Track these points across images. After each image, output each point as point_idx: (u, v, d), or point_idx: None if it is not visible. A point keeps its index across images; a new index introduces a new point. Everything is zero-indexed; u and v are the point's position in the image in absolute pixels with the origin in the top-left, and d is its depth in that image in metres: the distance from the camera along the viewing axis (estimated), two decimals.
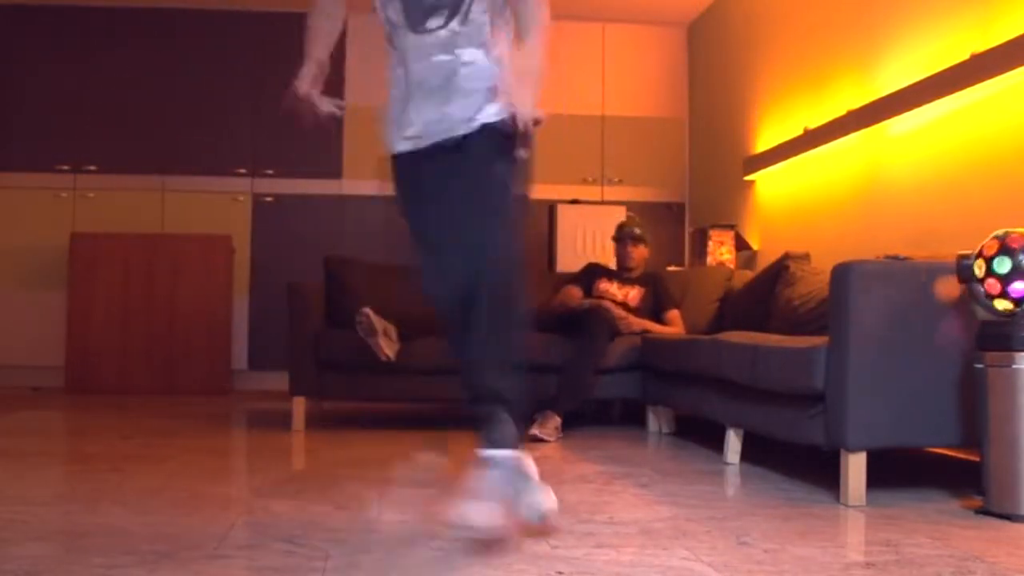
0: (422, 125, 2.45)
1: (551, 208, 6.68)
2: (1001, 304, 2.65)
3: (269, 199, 7.00)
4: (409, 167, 2.53)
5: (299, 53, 2.83)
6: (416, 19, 2.43)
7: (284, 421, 4.68)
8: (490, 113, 2.41)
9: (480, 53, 2.44)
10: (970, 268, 2.69)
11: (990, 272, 2.64)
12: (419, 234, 2.53)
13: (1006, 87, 3.57)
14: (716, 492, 3.10)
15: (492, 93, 2.42)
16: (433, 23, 2.42)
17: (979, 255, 2.67)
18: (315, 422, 4.81)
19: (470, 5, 2.42)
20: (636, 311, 5.01)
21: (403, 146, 2.50)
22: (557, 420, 4.40)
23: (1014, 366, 2.62)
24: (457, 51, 2.42)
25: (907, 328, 2.88)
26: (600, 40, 7.35)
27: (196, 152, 6.98)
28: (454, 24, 2.41)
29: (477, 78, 2.43)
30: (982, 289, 2.67)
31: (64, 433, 4.66)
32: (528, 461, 2.32)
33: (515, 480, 2.27)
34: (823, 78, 5.09)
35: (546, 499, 2.27)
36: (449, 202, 2.43)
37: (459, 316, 2.35)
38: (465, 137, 2.43)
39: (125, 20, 6.99)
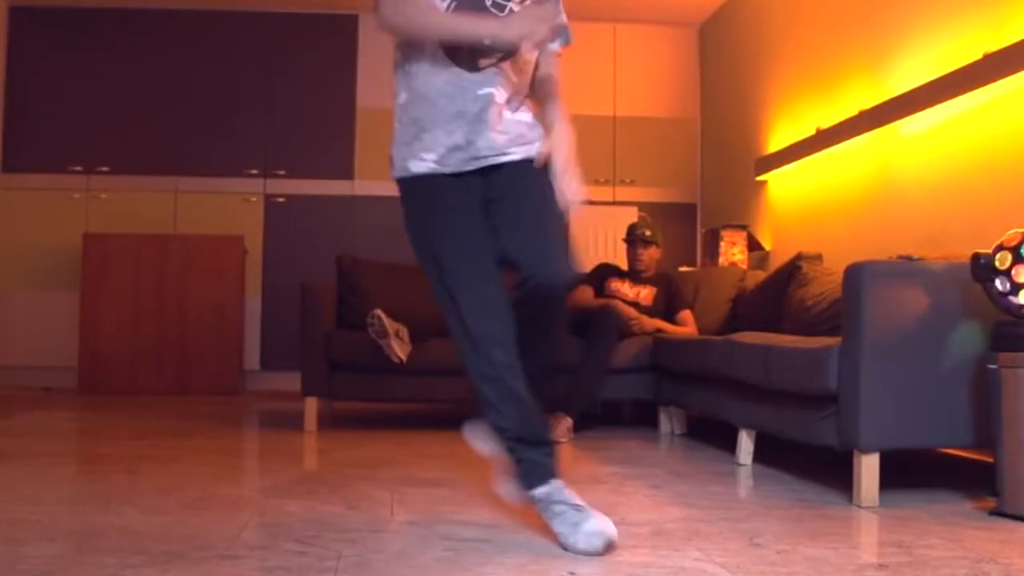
0: (445, 150, 2.41)
1: None
2: None
3: (281, 200, 7.01)
4: (435, 189, 2.43)
5: (307, 53, 2.83)
6: (470, 59, 2.41)
7: (296, 421, 4.69)
8: (522, 153, 2.44)
9: (519, 106, 2.48)
10: (988, 265, 2.68)
11: (1017, 259, 2.61)
12: (455, 262, 2.38)
13: (1019, 87, 3.55)
14: (729, 493, 3.09)
15: (522, 139, 2.45)
16: (484, 62, 2.42)
17: (1001, 248, 2.66)
18: (327, 422, 4.82)
19: (519, 53, 2.42)
20: (649, 311, 5.00)
21: (420, 167, 2.43)
22: (568, 421, 4.39)
23: None
24: (498, 88, 2.42)
25: (920, 328, 2.87)
26: (611, 40, 7.34)
27: (208, 153, 7.00)
28: (504, 64, 2.43)
29: (511, 123, 2.45)
30: (1006, 284, 2.64)
31: (76, 433, 4.67)
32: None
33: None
34: (835, 78, 5.07)
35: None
36: (510, 211, 2.40)
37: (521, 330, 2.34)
38: (504, 164, 2.43)
39: (137, 22, 7.02)
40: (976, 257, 2.72)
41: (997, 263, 2.66)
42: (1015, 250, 2.63)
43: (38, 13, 6.95)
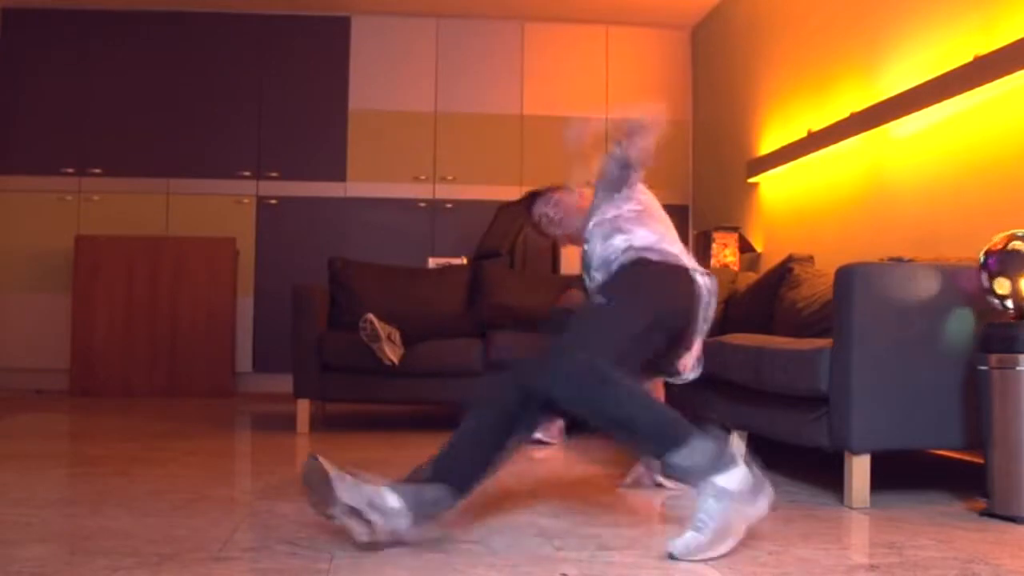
0: None
1: None
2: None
3: (273, 201, 7.01)
4: None
5: (299, 55, 2.90)
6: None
7: (288, 423, 4.68)
8: None
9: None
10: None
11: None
12: None
13: (1009, 89, 3.57)
14: None
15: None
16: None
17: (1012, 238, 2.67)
18: (319, 424, 4.82)
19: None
20: None
21: None
22: (560, 423, 4.39)
23: (1018, 368, 2.61)
24: None
25: (910, 330, 2.88)
26: (604, 43, 7.34)
27: (200, 155, 6.98)
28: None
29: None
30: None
31: (68, 436, 4.67)
32: None
33: None
34: (826, 81, 5.09)
35: None
36: None
37: None
38: None
39: (130, 23, 6.99)
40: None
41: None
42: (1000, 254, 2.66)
43: (30, 14, 6.93)
